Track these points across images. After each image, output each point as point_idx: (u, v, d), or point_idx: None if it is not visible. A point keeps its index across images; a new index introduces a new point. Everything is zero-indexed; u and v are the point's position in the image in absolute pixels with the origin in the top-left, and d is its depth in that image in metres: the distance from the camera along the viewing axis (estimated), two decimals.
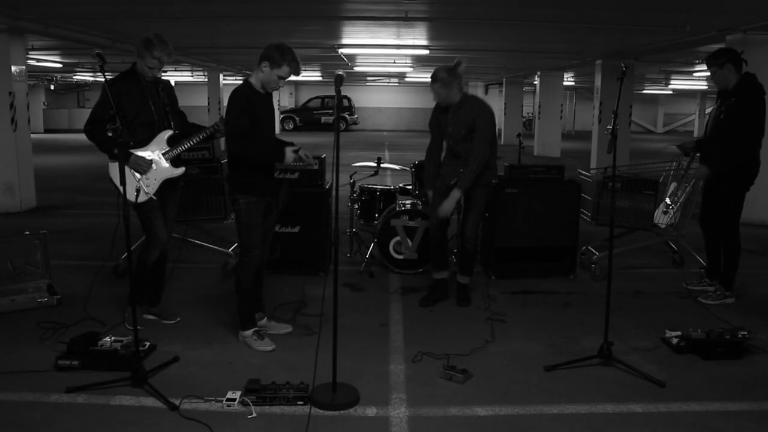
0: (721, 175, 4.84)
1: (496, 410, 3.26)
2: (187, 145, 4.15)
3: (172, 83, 4.60)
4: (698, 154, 5.15)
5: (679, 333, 4.05)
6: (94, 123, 3.97)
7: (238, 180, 3.87)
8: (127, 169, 3.90)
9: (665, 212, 5.60)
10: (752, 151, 4.79)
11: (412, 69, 19.06)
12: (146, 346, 3.80)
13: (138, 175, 4.05)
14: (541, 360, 3.83)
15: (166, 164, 4.13)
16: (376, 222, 5.89)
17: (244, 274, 3.99)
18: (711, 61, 4.89)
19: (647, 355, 3.94)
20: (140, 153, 4.04)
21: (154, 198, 4.11)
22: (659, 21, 8.02)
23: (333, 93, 11.96)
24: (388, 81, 28.02)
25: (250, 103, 3.80)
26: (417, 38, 11.07)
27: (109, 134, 3.93)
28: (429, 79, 4.67)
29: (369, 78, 26.49)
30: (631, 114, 14.29)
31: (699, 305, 4.89)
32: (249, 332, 4.02)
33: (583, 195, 5.69)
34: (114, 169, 3.98)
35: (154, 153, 4.10)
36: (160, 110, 4.14)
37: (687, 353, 3.93)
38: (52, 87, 28.35)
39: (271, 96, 3.99)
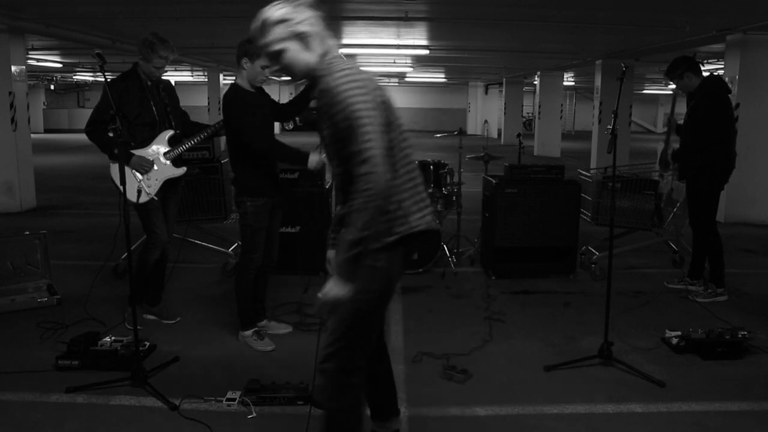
0: (694, 174, 4.90)
1: (496, 410, 3.26)
2: (188, 145, 4.16)
3: (172, 83, 4.60)
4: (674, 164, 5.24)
5: (679, 333, 4.05)
6: (96, 124, 3.97)
7: (245, 182, 3.87)
8: (127, 169, 3.91)
9: (660, 177, 5.59)
10: (722, 149, 4.84)
11: (412, 69, 19.06)
12: (146, 346, 3.80)
13: (139, 176, 4.05)
14: (541, 360, 3.83)
15: (167, 164, 4.13)
16: None
17: (243, 275, 3.98)
18: (670, 75, 5.00)
19: (647, 355, 3.94)
20: (141, 153, 4.05)
21: (155, 198, 4.11)
22: (659, 21, 8.02)
23: None
24: (388, 81, 28.00)
25: (246, 103, 3.81)
26: (417, 38, 11.07)
27: (110, 135, 3.95)
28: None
29: None
30: (631, 114, 14.29)
31: (699, 305, 4.89)
32: (249, 332, 4.02)
33: (583, 195, 5.69)
34: (115, 169, 3.98)
35: (155, 153, 4.10)
36: (161, 110, 4.15)
37: (687, 353, 3.93)
38: (52, 87, 28.35)
39: (264, 92, 3.99)
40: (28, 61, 13.06)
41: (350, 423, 2.39)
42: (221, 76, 19.22)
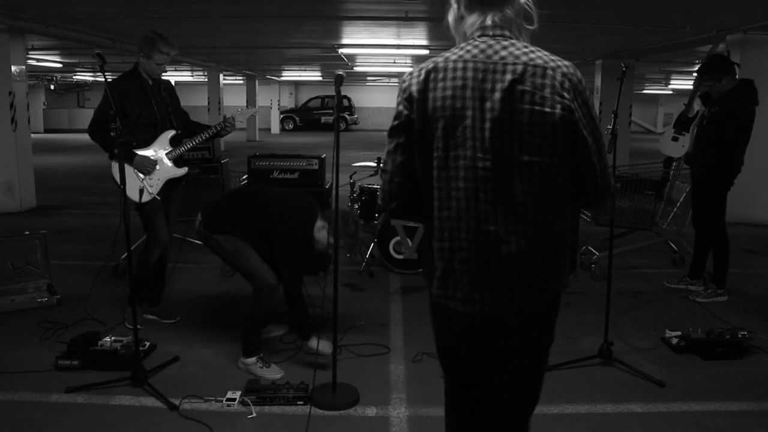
0: (703, 175, 4.89)
1: None
2: (189, 145, 4.18)
3: (173, 83, 4.61)
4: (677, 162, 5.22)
5: (679, 333, 4.05)
6: (99, 123, 3.98)
7: None
8: (129, 169, 3.92)
9: (674, 139, 5.49)
10: (732, 154, 4.82)
11: (412, 69, 19.05)
12: (146, 346, 3.80)
13: (141, 175, 4.05)
14: None
15: (169, 164, 4.14)
16: (376, 222, 5.89)
17: (267, 301, 3.60)
18: (707, 76, 4.76)
19: (647, 355, 3.94)
20: (144, 153, 4.05)
21: (158, 198, 4.12)
22: (659, 21, 8.01)
23: (333, 93, 11.98)
24: (388, 81, 28.01)
25: None
26: (417, 38, 11.06)
27: (112, 134, 3.97)
28: None
29: (369, 78, 26.49)
30: (631, 114, 14.29)
31: (699, 305, 4.89)
32: (253, 359, 3.62)
33: None
34: (117, 168, 3.99)
35: (157, 153, 4.11)
36: (162, 110, 4.16)
37: (687, 353, 3.93)
38: (52, 87, 28.32)
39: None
40: (28, 61, 13.06)
41: None
42: (221, 76, 19.22)
